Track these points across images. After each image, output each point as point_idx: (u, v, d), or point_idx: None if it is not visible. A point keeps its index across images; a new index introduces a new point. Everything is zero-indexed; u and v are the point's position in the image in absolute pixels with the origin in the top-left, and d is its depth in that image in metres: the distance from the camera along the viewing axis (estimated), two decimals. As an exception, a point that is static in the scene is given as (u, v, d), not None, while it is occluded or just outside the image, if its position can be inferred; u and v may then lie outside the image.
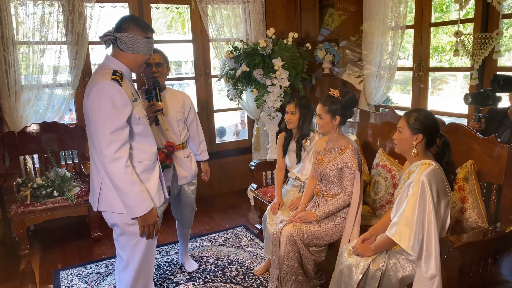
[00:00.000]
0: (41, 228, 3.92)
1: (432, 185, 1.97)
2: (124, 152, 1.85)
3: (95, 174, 2.00)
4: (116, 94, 1.82)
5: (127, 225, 1.98)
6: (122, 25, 1.91)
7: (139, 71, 2.04)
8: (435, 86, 7.50)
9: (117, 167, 1.83)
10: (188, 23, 4.79)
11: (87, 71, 4.02)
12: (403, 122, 2.12)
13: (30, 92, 3.72)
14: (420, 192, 1.96)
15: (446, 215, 2.09)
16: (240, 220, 4.11)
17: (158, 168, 2.11)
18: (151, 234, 1.99)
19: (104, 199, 1.98)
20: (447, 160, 2.11)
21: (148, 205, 1.92)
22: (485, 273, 2.13)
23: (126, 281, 2.07)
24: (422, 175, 1.99)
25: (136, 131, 1.96)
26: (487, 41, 2.99)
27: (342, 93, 2.55)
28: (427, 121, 2.08)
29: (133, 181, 1.87)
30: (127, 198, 1.88)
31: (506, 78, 2.48)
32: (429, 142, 2.10)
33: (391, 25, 3.64)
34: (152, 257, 2.11)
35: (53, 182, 3.59)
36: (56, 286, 3.00)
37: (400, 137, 2.13)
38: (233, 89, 4.14)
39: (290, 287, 2.58)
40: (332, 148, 2.63)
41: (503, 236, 2.14)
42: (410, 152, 2.12)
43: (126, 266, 2.05)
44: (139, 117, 1.96)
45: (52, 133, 3.85)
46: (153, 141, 2.09)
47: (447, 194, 2.07)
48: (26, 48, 3.66)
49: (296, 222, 2.59)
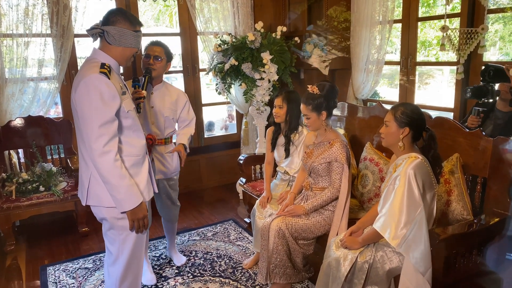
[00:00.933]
0: (27, 224, 3.87)
1: (418, 177, 1.99)
2: (113, 145, 1.83)
3: (83, 168, 1.98)
4: (104, 87, 1.80)
5: (116, 219, 1.96)
6: (110, 18, 1.89)
7: (127, 64, 2.02)
8: (422, 81, 7.57)
9: (106, 161, 1.81)
10: (176, 16, 4.74)
11: (73, 64, 3.96)
12: (390, 116, 2.14)
13: (14, 86, 3.66)
14: (407, 185, 1.99)
15: (432, 207, 2.12)
16: (229, 214, 4.12)
17: (147, 162, 2.10)
18: (140, 228, 1.98)
19: (92, 194, 1.96)
20: (433, 154, 2.14)
21: (137, 199, 1.91)
22: (470, 264, 2.18)
23: (115, 276, 2.06)
24: (408, 168, 2.01)
25: (125, 125, 1.95)
26: (473, 36, 3.02)
27: (321, 87, 2.55)
28: (414, 114, 2.10)
29: (122, 175, 1.86)
30: (116, 192, 1.87)
31: (496, 69, 2.50)
32: (415, 135, 2.13)
33: (379, 19, 3.66)
34: (141, 252, 2.11)
35: (39, 177, 3.54)
36: (43, 282, 2.97)
37: (387, 131, 2.15)
38: (221, 83, 4.12)
39: (279, 280, 2.61)
40: (321, 142, 2.64)
41: (487, 228, 2.18)
42: (396, 146, 2.14)
43: (115, 260, 2.04)
44: (128, 110, 1.94)
45: (38, 128, 3.80)
46: (142, 135, 2.08)
47: (433, 187, 2.10)
48: (9, 40, 3.59)
49: (285, 215, 2.60)
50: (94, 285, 2.90)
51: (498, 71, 2.48)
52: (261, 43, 3.88)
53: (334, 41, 4.12)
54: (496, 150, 2.27)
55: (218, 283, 2.87)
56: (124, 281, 2.07)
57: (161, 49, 2.71)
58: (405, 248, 1.96)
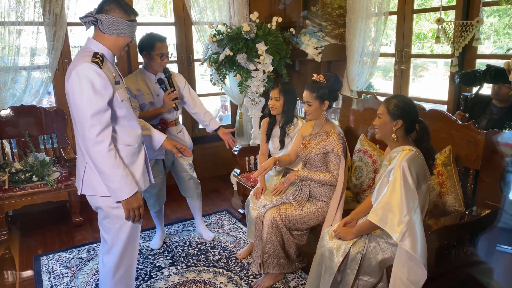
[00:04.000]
0: (20, 214, 3.85)
1: (412, 170, 2.01)
2: (106, 135, 1.83)
3: (80, 157, 1.99)
4: (95, 77, 1.79)
5: (111, 208, 1.97)
6: (104, 7, 1.87)
7: (121, 54, 2.01)
8: (416, 73, 7.59)
9: (99, 150, 1.81)
10: (170, 6, 4.69)
11: (65, 53, 3.92)
12: (383, 109, 2.15)
13: (6, 75, 3.61)
14: (402, 178, 2.00)
15: (426, 199, 2.14)
16: (223, 205, 4.13)
17: (143, 152, 2.09)
18: (136, 218, 1.98)
19: (88, 183, 1.97)
20: (426, 145, 2.15)
21: (132, 189, 1.91)
22: (461, 255, 2.21)
23: (109, 264, 2.07)
24: (403, 161, 2.02)
25: (120, 114, 1.94)
26: (468, 28, 3.03)
27: (327, 77, 2.56)
28: (406, 107, 2.11)
29: (117, 164, 1.85)
30: (111, 182, 1.87)
31: (498, 70, 2.50)
32: (408, 128, 2.14)
33: (374, 11, 3.65)
34: (136, 242, 2.12)
35: (32, 167, 3.52)
36: (36, 272, 2.97)
37: (380, 123, 2.16)
38: (216, 73, 4.10)
39: (272, 270, 2.63)
40: (318, 133, 2.64)
41: (479, 220, 2.21)
42: (390, 138, 2.15)
43: (109, 249, 2.05)
44: (122, 100, 1.93)
45: (30, 117, 3.76)
46: (138, 124, 2.07)
47: (427, 179, 2.12)
48: (1, 28, 3.53)
49: (282, 189, 2.70)
50: (88, 275, 2.91)
51: (499, 71, 2.48)
52: (256, 34, 3.86)
53: (328, 27, 4.10)
54: (488, 143, 2.29)
55: (212, 273, 2.88)
56: (118, 270, 2.08)
57: (167, 45, 2.90)
58: (404, 239, 1.97)
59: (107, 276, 2.09)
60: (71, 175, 3.61)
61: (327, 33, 4.11)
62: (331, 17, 4.10)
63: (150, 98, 2.94)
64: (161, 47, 2.82)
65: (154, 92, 2.94)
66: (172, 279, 2.83)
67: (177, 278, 2.84)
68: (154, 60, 2.84)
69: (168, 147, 2.40)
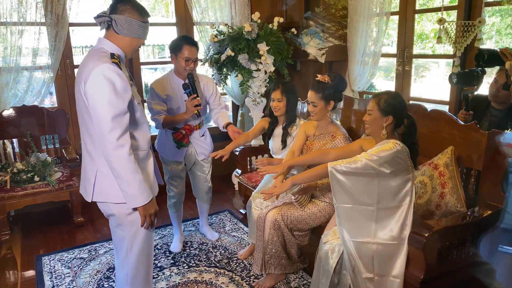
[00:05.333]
0: (22, 214, 3.86)
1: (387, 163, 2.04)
2: (126, 139, 1.76)
3: (88, 163, 1.91)
4: (117, 78, 1.73)
5: (125, 215, 1.90)
6: (118, 7, 1.81)
7: (132, 55, 1.97)
8: (418, 73, 7.57)
9: (120, 155, 1.74)
10: (172, 6, 4.69)
11: (67, 53, 3.92)
12: (373, 105, 2.16)
13: (8, 75, 3.62)
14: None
15: (402, 188, 2.11)
16: (225, 205, 4.13)
17: (152, 157, 2.05)
18: (152, 224, 1.93)
19: (99, 190, 1.88)
20: (413, 140, 2.18)
21: (149, 194, 1.85)
22: (463, 256, 2.20)
23: (125, 272, 1.99)
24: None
25: (136, 117, 1.90)
26: (470, 28, 3.02)
27: (332, 77, 2.55)
28: (396, 103, 2.14)
29: (136, 169, 1.79)
30: (129, 187, 1.80)
31: (490, 52, 2.50)
32: (397, 123, 2.17)
33: (376, 11, 3.65)
34: (151, 247, 2.04)
35: (33, 167, 3.53)
36: (38, 271, 2.98)
37: (370, 119, 2.18)
38: (217, 73, 4.10)
39: (273, 270, 2.62)
40: (322, 134, 2.64)
41: (480, 220, 2.20)
42: (379, 134, 2.17)
43: (125, 257, 1.97)
44: (138, 102, 1.90)
45: (32, 117, 3.77)
46: (148, 128, 2.02)
47: (409, 171, 2.12)
48: (3, 29, 3.54)
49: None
50: (89, 275, 2.91)
51: (492, 54, 2.47)
52: (257, 34, 3.86)
53: (331, 28, 4.10)
54: (490, 143, 2.29)
55: (213, 273, 2.88)
56: (136, 277, 2.01)
57: (197, 51, 2.85)
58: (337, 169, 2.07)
59: (124, 284, 2.02)
60: (72, 175, 3.61)
61: (330, 34, 4.11)
62: (334, 18, 4.10)
63: (178, 103, 2.93)
64: (188, 51, 2.78)
65: (181, 97, 2.91)
66: (173, 279, 2.83)
67: (179, 278, 2.84)
68: (179, 63, 2.81)
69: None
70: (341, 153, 2.34)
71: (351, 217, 2.14)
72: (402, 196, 2.11)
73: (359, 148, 2.31)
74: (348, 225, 2.14)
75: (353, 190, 2.10)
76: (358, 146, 2.33)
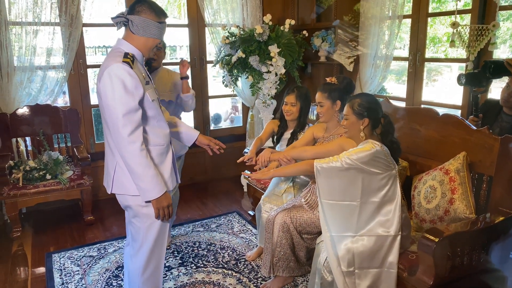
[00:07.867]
0: (33, 211, 3.91)
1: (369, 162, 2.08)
2: (137, 135, 1.85)
3: (109, 157, 2.01)
4: (127, 77, 1.82)
5: (140, 207, 1.99)
6: (135, 8, 1.89)
7: (150, 55, 2.02)
8: (430, 77, 7.50)
9: (132, 150, 1.83)
10: (184, 7, 4.72)
11: (80, 53, 3.97)
12: (348, 109, 2.20)
13: (22, 74, 3.68)
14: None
15: (385, 185, 2.14)
16: (233, 206, 4.13)
17: (171, 152, 2.11)
18: (166, 217, 2.00)
19: (118, 182, 1.98)
20: (391, 138, 2.20)
21: (161, 189, 1.92)
22: (474, 262, 2.17)
23: (138, 264, 2.08)
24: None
25: (150, 114, 1.96)
26: (484, 32, 2.99)
27: (340, 79, 2.58)
28: (370, 104, 2.17)
29: (148, 164, 1.87)
30: (141, 181, 1.88)
31: (496, 63, 2.49)
32: (374, 124, 2.20)
33: (388, 14, 3.63)
34: (164, 240, 2.13)
35: (45, 165, 3.57)
36: (48, 269, 3.01)
37: (348, 124, 2.22)
38: (228, 75, 4.11)
39: (282, 273, 2.62)
40: (331, 136, 2.64)
41: (492, 227, 2.17)
42: (358, 136, 2.20)
43: (139, 248, 2.06)
44: (152, 100, 1.95)
45: (45, 116, 3.82)
46: (166, 124, 2.09)
47: (391, 169, 2.15)
48: (18, 28, 3.60)
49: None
50: (98, 273, 2.93)
51: (498, 65, 2.46)
52: (269, 36, 3.86)
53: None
54: (503, 149, 2.26)
55: (221, 274, 2.89)
56: (147, 269, 2.09)
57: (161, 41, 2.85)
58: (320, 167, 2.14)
59: (135, 275, 2.10)
60: (83, 174, 3.65)
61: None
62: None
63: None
64: None
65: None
66: (181, 279, 2.84)
67: (186, 278, 2.85)
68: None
69: (205, 142, 2.32)
70: (318, 151, 2.41)
71: (335, 212, 2.18)
72: (385, 192, 2.14)
73: (339, 147, 2.34)
74: (332, 220, 2.18)
75: (337, 186, 2.15)
76: (338, 146, 2.36)
